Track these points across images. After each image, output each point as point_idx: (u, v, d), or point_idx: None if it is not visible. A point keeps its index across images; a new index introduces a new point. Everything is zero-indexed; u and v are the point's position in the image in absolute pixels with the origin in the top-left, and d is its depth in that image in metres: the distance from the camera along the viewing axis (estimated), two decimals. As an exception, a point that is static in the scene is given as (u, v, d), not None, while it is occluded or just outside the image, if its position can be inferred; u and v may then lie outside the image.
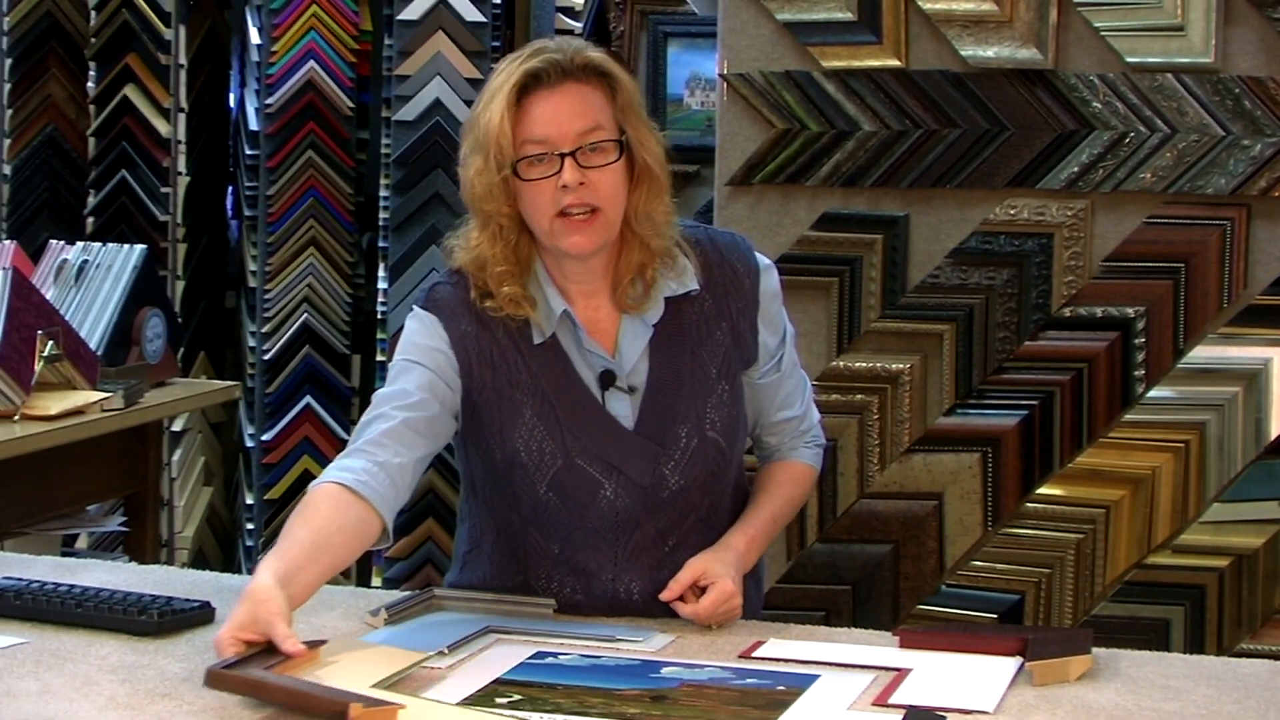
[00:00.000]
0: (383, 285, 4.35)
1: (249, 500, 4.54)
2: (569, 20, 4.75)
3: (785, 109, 3.26)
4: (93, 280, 3.73)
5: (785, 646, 2.09)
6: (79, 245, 3.83)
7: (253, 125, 4.52)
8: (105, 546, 4.27)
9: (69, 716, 1.79)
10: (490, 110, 2.16)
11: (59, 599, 2.15)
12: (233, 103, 4.86)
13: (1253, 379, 3.12)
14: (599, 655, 2.04)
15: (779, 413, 2.39)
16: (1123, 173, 3.13)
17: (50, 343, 3.31)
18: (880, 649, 2.08)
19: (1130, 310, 3.17)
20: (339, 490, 2.06)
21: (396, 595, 2.29)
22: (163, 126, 4.61)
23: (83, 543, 4.26)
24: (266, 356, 4.49)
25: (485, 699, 1.86)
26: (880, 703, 1.87)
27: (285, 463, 4.50)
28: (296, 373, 4.52)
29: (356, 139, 4.57)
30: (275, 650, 1.86)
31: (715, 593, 2.18)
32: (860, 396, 3.28)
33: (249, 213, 4.55)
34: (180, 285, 4.67)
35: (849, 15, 3.23)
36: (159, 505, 3.98)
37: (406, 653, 1.95)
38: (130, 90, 4.62)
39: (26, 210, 4.78)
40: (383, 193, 4.34)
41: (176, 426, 4.55)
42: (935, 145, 3.20)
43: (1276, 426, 3.12)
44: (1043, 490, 3.23)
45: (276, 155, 4.47)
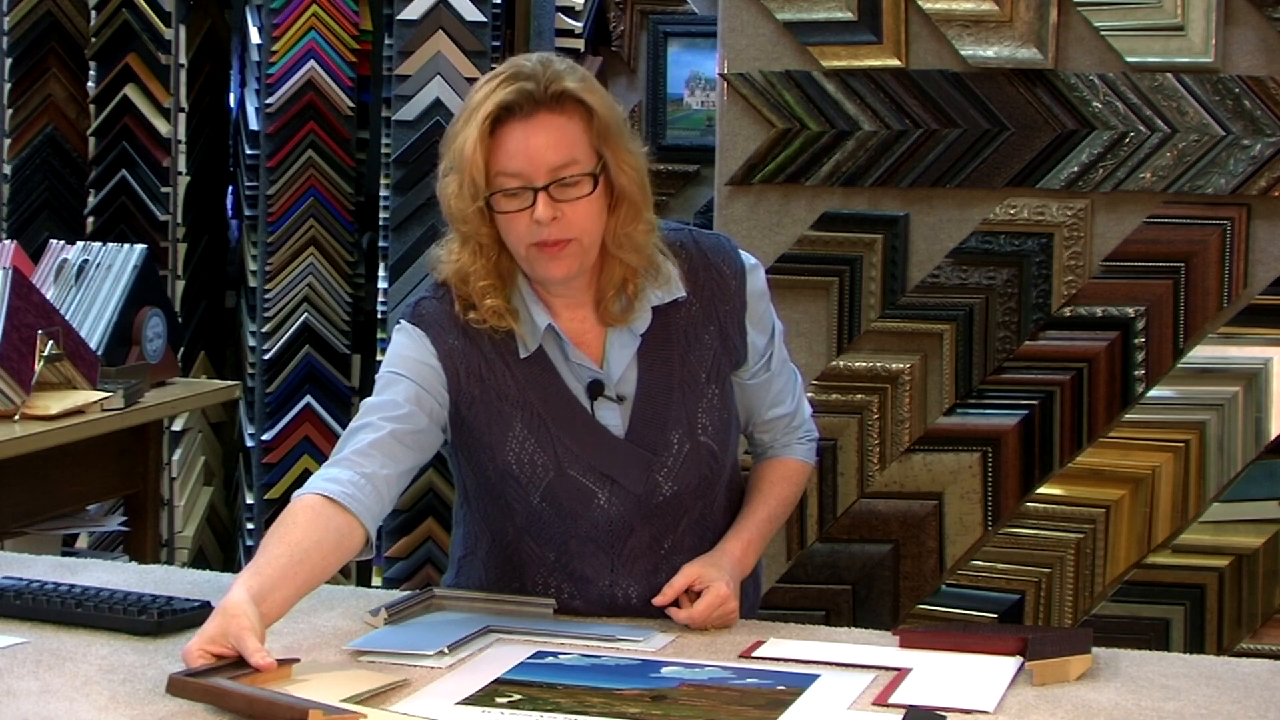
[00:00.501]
0: (383, 285, 4.34)
1: (249, 500, 4.54)
2: (569, 20, 4.75)
3: (785, 109, 3.26)
4: (93, 280, 3.73)
5: (785, 646, 2.09)
6: (79, 245, 3.82)
7: (253, 125, 4.52)
8: (105, 546, 4.26)
9: (69, 716, 1.79)
10: (464, 136, 2.14)
11: (59, 599, 2.14)
12: (233, 102, 4.85)
13: (1253, 379, 3.12)
14: (599, 655, 2.04)
15: (770, 410, 2.38)
16: (1123, 172, 3.13)
17: (50, 342, 3.31)
18: (880, 649, 2.08)
19: (1130, 310, 3.17)
20: (321, 502, 2.05)
21: (396, 595, 2.29)
22: (163, 126, 4.61)
23: (83, 543, 4.25)
24: (266, 356, 4.49)
25: (485, 699, 1.86)
26: (880, 702, 1.86)
27: (285, 462, 4.50)
28: (296, 372, 4.51)
29: (356, 139, 4.57)
30: (244, 664, 1.84)
31: (710, 597, 2.17)
32: (860, 396, 3.28)
33: (249, 212, 4.55)
34: (180, 285, 4.66)
35: (849, 15, 3.23)
36: (159, 505, 3.98)
37: (378, 674, 1.93)
38: (130, 90, 4.62)
39: (26, 210, 4.78)
40: (383, 193, 4.34)
41: (176, 426, 4.55)
42: (935, 145, 3.20)
43: (1276, 426, 3.12)
44: (1043, 490, 3.23)
45: (276, 155, 4.46)
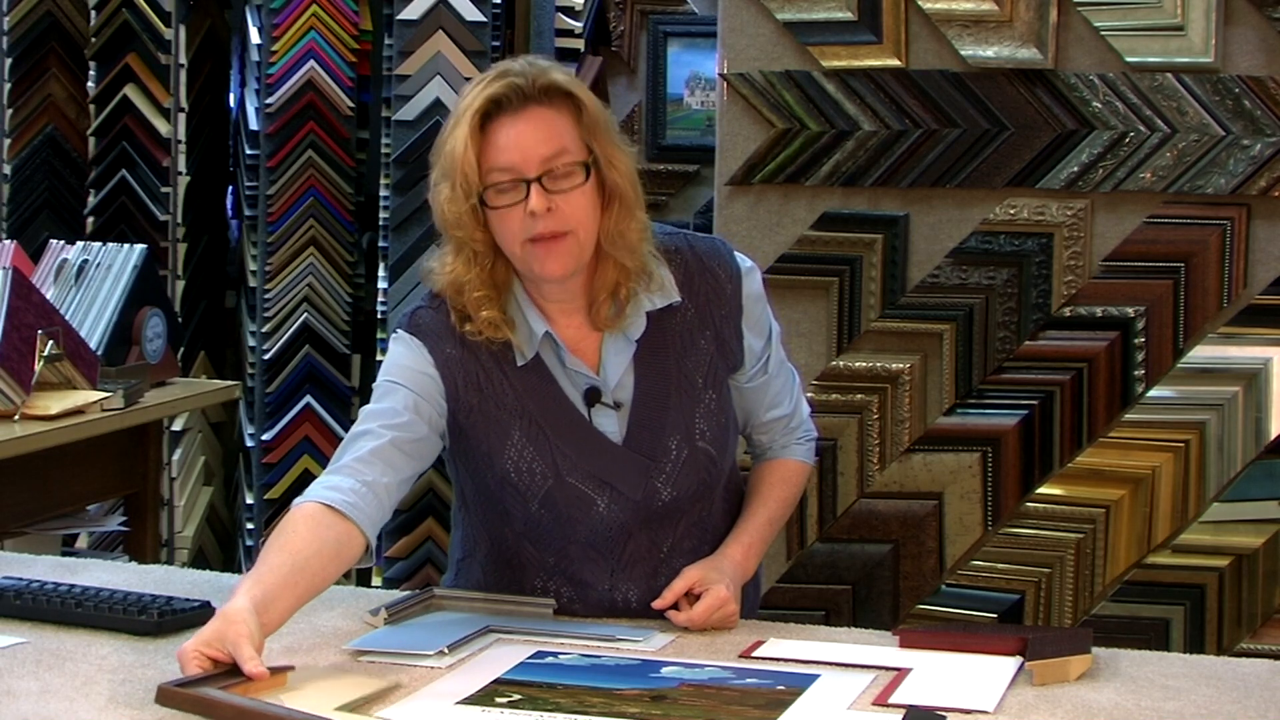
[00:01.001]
0: (383, 285, 4.34)
1: (249, 500, 4.54)
2: (569, 20, 4.75)
3: (785, 109, 3.26)
4: (93, 280, 3.73)
5: (785, 646, 2.09)
6: (79, 245, 3.82)
7: (253, 125, 4.52)
8: (105, 546, 4.26)
9: (69, 716, 1.79)
10: (455, 138, 2.14)
11: (59, 599, 2.14)
12: (233, 102, 4.85)
13: (1253, 379, 3.12)
14: (599, 655, 2.04)
15: (769, 412, 2.38)
16: (1123, 172, 3.13)
17: (50, 342, 3.31)
18: (880, 649, 2.08)
19: (1130, 310, 3.17)
20: (322, 511, 2.04)
21: (396, 595, 2.29)
22: (163, 126, 4.61)
23: (83, 543, 4.25)
24: (266, 356, 4.49)
25: (485, 699, 1.86)
26: (880, 702, 1.86)
27: (285, 462, 4.50)
28: (296, 372, 4.51)
29: (356, 139, 4.57)
30: (238, 672, 1.82)
31: (709, 599, 2.17)
32: (860, 396, 3.28)
33: (249, 212, 4.55)
34: (180, 285, 4.66)
35: (849, 15, 3.23)
36: (159, 505, 3.98)
37: (370, 679, 1.92)
38: (130, 90, 4.62)
39: (26, 210, 4.78)
40: (383, 192, 4.34)
41: (176, 426, 4.55)
42: (935, 145, 3.20)
43: (1276, 426, 3.12)
44: (1043, 490, 3.23)
45: (276, 155, 4.46)
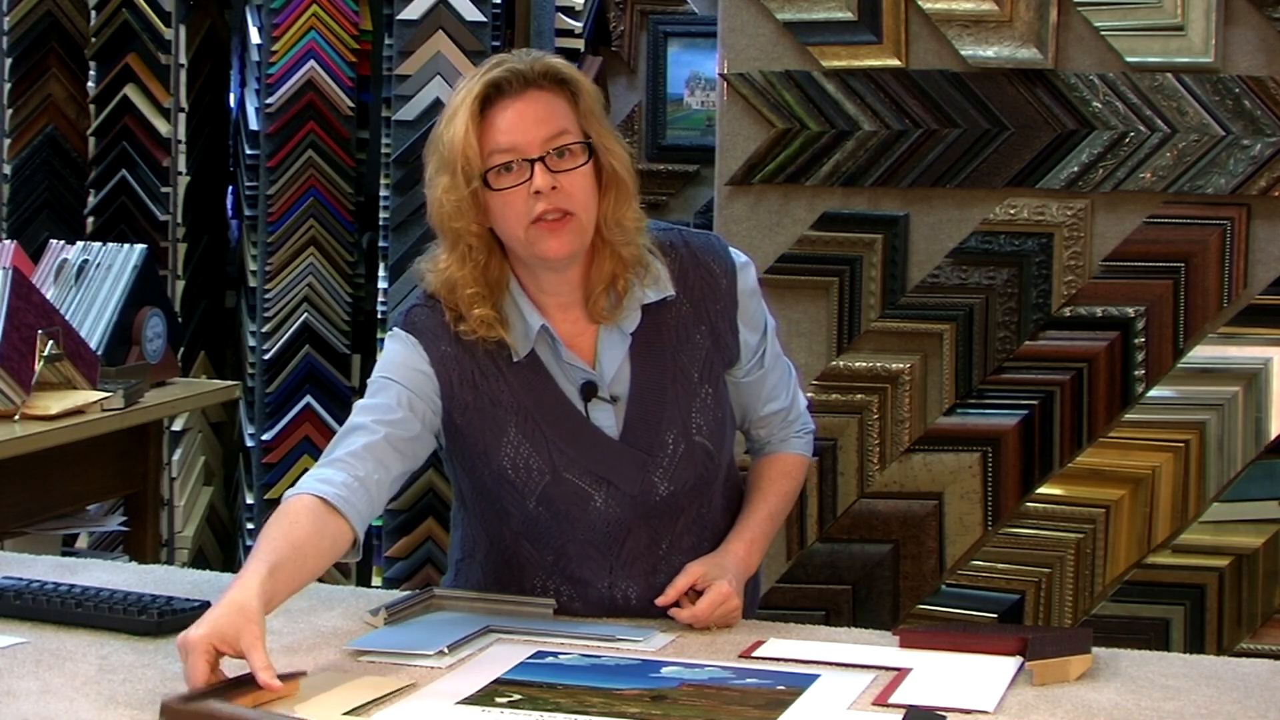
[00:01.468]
0: (383, 285, 4.34)
1: (249, 500, 4.54)
2: (569, 20, 4.75)
3: (785, 109, 3.26)
4: (93, 280, 3.73)
5: (785, 646, 2.09)
6: (79, 245, 3.82)
7: (253, 125, 4.52)
8: (105, 546, 4.26)
9: (69, 716, 1.79)
10: (454, 125, 2.14)
11: (59, 599, 2.14)
12: (233, 102, 4.85)
13: (1253, 379, 3.12)
14: (599, 655, 2.04)
15: (766, 406, 2.39)
16: (1123, 172, 3.13)
17: (50, 342, 3.31)
18: (880, 649, 2.08)
19: (1130, 310, 3.17)
20: (316, 504, 2.04)
21: (396, 595, 2.29)
22: (163, 126, 4.61)
23: (83, 543, 4.25)
24: (266, 356, 4.49)
25: (485, 699, 1.86)
26: (880, 702, 1.86)
27: (285, 462, 4.50)
28: (296, 372, 4.51)
29: (356, 139, 4.57)
30: (243, 682, 1.80)
31: (712, 594, 2.17)
32: (860, 396, 3.28)
33: (249, 212, 4.55)
34: (180, 285, 4.66)
35: (849, 15, 3.23)
36: (159, 505, 3.98)
37: (379, 681, 1.91)
38: (130, 90, 4.62)
39: (26, 210, 4.78)
40: (383, 192, 4.34)
41: (176, 426, 4.55)
42: (935, 145, 3.20)
43: (1276, 426, 3.12)
44: (1043, 490, 3.23)
45: (276, 155, 4.46)
